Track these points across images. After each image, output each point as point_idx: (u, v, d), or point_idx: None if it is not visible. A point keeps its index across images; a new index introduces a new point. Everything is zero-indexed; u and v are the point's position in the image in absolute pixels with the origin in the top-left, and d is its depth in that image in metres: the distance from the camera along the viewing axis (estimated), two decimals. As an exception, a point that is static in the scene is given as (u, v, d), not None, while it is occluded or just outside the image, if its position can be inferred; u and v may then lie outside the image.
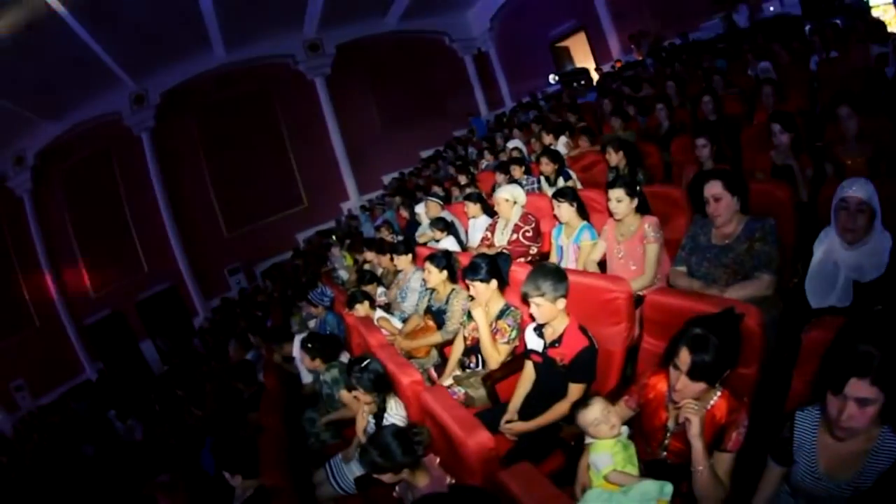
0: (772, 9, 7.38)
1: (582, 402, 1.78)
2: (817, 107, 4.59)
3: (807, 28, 6.77)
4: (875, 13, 6.54)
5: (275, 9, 9.79)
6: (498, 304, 2.59)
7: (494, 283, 2.54)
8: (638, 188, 2.91)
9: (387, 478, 1.84)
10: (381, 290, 4.29)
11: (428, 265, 2.99)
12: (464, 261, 3.18)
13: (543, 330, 2.21)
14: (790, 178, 3.31)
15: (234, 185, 11.27)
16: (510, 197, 3.67)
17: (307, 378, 3.67)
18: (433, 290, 3.15)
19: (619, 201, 2.85)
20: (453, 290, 3.02)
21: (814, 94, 4.77)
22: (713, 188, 2.47)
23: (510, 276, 2.76)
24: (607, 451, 1.71)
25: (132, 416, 7.38)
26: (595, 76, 10.35)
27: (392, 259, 4.07)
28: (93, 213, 10.32)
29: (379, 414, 2.35)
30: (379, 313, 3.60)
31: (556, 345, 2.14)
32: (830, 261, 2.09)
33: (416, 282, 3.73)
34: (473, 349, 2.67)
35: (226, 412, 3.77)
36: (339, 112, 12.06)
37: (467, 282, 2.57)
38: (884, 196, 1.96)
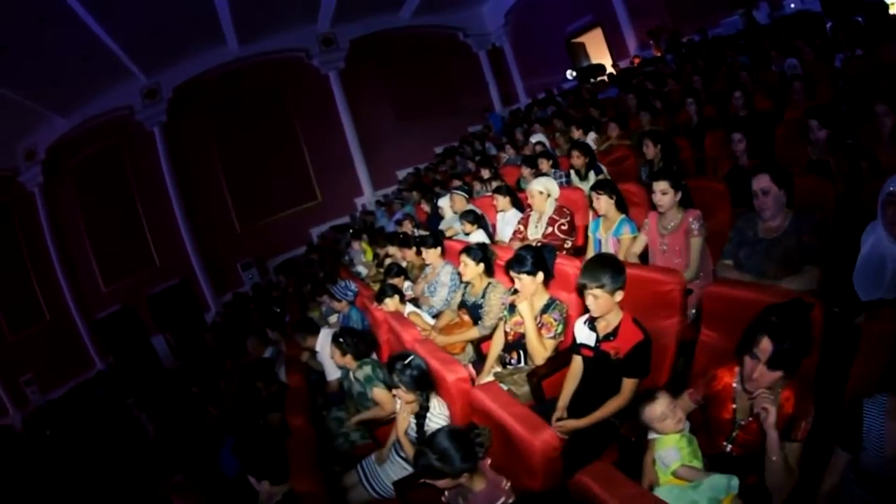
0: (793, 6, 7.32)
1: (646, 397, 1.75)
2: (843, 104, 4.55)
3: (828, 25, 6.72)
4: (893, 11, 6.48)
5: (288, 2, 9.79)
6: (543, 297, 2.55)
7: (540, 275, 2.50)
8: (682, 181, 2.89)
9: (443, 483, 1.72)
10: (407, 284, 4.26)
11: (464, 258, 2.96)
12: (500, 255, 3.16)
13: (596, 323, 2.18)
14: (826, 174, 3.28)
15: (247, 180, 11.28)
16: (544, 189, 3.64)
17: (333, 374, 3.56)
18: (468, 283, 3.12)
19: (664, 194, 2.83)
20: (490, 283, 2.99)
21: (839, 91, 4.72)
22: (761, 182, 2.46)
23: (555, 269, 2.73)
24: (674, 445, 1.69)
25: (144, 411, 7.38)
26: (611, 72, 10.27)
27: (419, 252, 4.04)
28: (104, 207, 10.35)
29: (421, 413, 2.24)
30: (409, 308, 3.54)
31: (611, 338, 2.10)
32: (878, 254, 2.11)
33: (447, 276, 3.70)
34: (515, 345, 2.62)
35: (245, 412, 3.66)
36: (352, 106, 12.05)
37: (512, 274, 2.53)
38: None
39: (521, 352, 2.60)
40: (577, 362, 2.29)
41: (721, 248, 2.66)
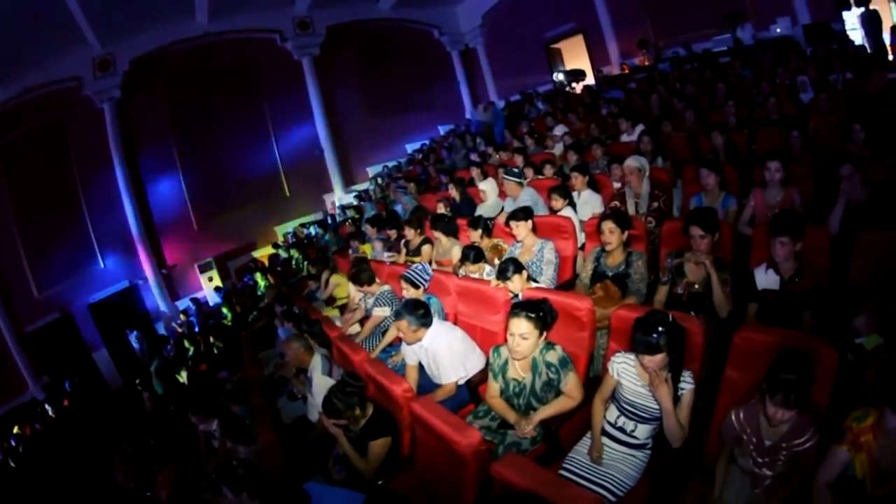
0: (778, 30, 8.73)
1: None
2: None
3: (808, 50, 8.11)
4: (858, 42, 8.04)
5: (267, -22, 9.76)
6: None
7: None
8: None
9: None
10: (488, 269, 4.45)
11: (610, 224, 3.32)
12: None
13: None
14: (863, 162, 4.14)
15: (208, 171, 10.81)
16: (641, 166, 4.15)
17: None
18: (602, 253, 3.47)
19: (777, 171, 3.49)
20: (630, 252, 3.37)
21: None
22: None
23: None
24: None
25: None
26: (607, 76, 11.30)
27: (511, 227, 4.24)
28: (39, 196, 9.34)
29: None
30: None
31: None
32: None
33: (551, 253, 4.01)
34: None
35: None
36: (325, 97, 12.05)
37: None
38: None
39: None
40: None
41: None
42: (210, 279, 10.61)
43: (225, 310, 9.09)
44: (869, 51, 7.39)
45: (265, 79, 11.57)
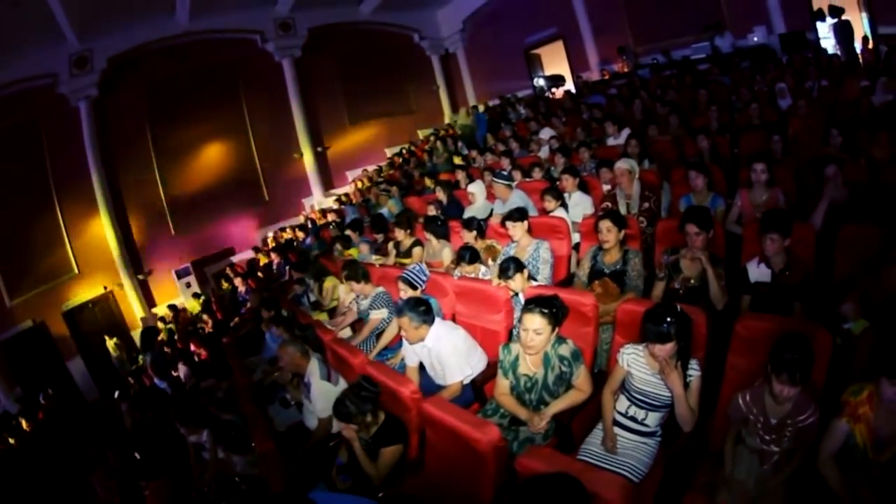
0: (756, 39, 9.13)
1: None
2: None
3: (784, 59, 8.50)
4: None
5: (250, -23, 9.71)
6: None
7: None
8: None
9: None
10: (483, 269, 4.55)
11: (608, 223, 3.44)
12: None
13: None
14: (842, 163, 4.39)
15: (186, 174, 10.63)
16: (631, 168, 4.30)
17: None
18: (599, 252, 3.59)
19: (763, 173, 3.69)
20: (627, 250, 3.50)
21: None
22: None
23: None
24: None
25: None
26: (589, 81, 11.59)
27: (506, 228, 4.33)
28: (10, 199, 8.98)
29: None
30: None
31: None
32: None
33: (547, 252, 4.12)
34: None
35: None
36: (305, 99, 12.03)
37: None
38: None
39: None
40: None
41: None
42: (188, 285, 10.42)
43: (205, 316, 8.95)
44: (842, 59, 7.77)
45: (246, 80, 11.48)
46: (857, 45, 7.84)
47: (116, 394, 6.93)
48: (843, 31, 7.80)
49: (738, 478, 1.90)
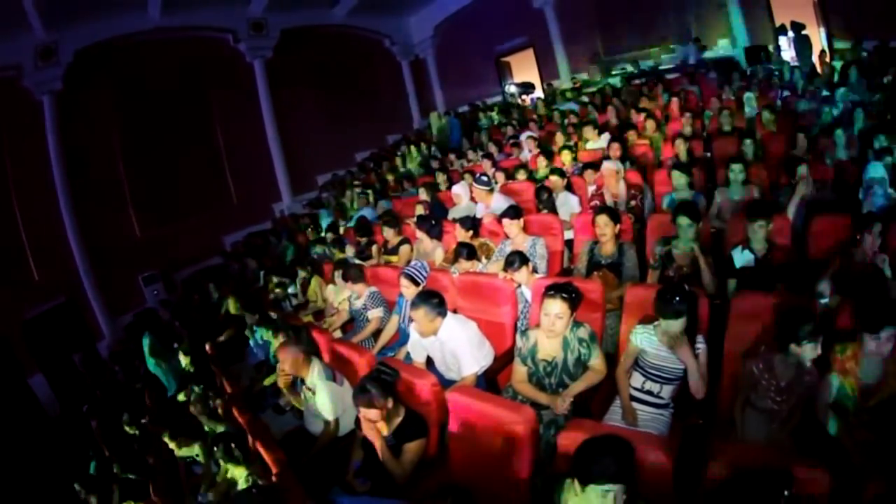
0: (721, 51, 9.83)
1: None
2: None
3: (748, 70, 9.15)
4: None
5: (224, -24, 9.64)
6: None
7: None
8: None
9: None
10: (479, 266, 4.72)
11: (605, 218, 3.68)
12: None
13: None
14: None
15: (153, 174, 10.28)
16: (618, 170, 4.62)
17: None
18: (596, 243, 3.84)
19: (741, 172, 4.09)
20: (622, 243, 3.77)
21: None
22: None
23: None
24: None
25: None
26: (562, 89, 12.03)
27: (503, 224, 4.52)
28: None
29: None
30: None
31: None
32: None
33: (542, 248, 4.34)
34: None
35: None
36: (276, 101, 11.93)
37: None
38: None
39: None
40: None
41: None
42: (156, 292, 10.12)
43: (177, 324, 8.72)
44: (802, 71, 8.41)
45: (215, 80, 11.25)
46: (815, 59, 8.47)
47: (85, 408, 6.68)
48: (802, 45, 8.41)
49: (749, 437, 2.15)
